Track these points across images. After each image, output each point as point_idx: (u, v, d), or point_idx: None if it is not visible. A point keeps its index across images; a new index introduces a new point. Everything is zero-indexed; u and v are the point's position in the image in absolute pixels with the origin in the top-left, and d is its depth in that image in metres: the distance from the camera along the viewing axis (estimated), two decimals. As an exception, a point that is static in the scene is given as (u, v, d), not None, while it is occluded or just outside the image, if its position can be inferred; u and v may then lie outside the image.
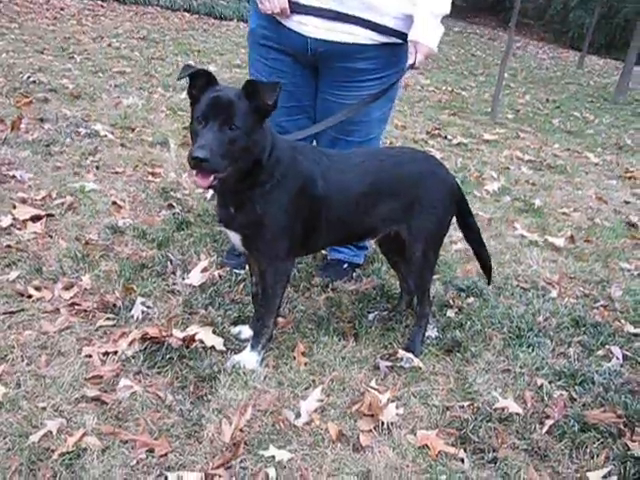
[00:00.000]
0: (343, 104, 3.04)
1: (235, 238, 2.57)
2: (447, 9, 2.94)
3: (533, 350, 2.96)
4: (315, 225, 2.64)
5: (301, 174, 2.53)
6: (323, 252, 3.66)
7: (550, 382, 2.74)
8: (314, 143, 3.26)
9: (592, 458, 2.33)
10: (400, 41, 3.00)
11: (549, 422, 2.47)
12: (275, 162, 2.45)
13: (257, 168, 2.40)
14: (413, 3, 2.89)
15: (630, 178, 6.66)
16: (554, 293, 3.59)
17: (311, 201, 2.57)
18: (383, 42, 2.97)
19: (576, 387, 2.72)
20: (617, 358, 2.99)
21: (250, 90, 2.28)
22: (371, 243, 3.65)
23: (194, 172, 2.29)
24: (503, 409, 2.51)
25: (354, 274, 3.53)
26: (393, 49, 3.04)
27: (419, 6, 2.88)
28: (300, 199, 2.53)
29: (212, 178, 2.25)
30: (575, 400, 2.64)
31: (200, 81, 2.33)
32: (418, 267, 2.81)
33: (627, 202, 5.73)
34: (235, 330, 2.82)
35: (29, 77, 6.58)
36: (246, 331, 2.79)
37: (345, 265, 3.54)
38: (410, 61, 2.97)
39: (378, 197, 2.68)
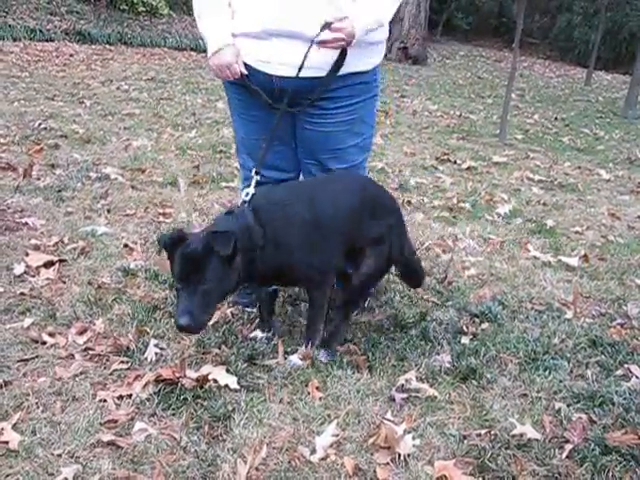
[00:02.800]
0: (322, 132, 3.04)
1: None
2: (386, 18, 2.88)
3: (550, 373, 2.92)
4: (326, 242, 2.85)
5: (296, 215, 2.79)
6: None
7: (568, 405, 2.70)
8: (301, 177, 3.31)
9: (614, 482, 2.28)
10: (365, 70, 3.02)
11: (569, 447, 2.42)
12: (272, 230, 2.71)
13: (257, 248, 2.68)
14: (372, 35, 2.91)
15: (643, 192, 6.63)
16: (569, 314, 3.55)
17: (314, 226, 2.80)
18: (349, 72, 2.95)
19: (595, 409, 2.68)
20: (637, 377, 2.94)
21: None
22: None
23: None
24: (521, 435, 2.47)
25: (366, 305, 3.50)
26: (361, 76, 3.01)
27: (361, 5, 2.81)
28: (305, 228, 2.78)
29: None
30: (595, 422, 2.59)
31: (170, 247, 2.58)
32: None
33: (640, 217, 5.69)
34: None
35: (40, 124, 6.69)
36: None
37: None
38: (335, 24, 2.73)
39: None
